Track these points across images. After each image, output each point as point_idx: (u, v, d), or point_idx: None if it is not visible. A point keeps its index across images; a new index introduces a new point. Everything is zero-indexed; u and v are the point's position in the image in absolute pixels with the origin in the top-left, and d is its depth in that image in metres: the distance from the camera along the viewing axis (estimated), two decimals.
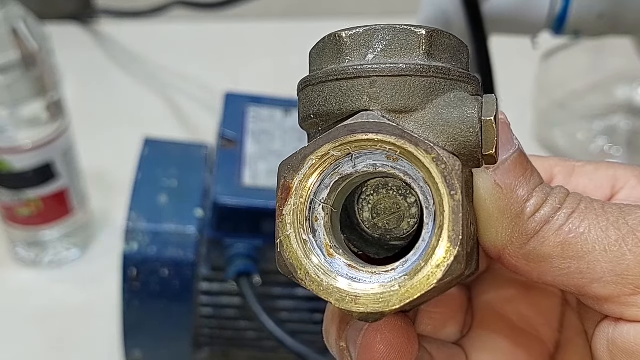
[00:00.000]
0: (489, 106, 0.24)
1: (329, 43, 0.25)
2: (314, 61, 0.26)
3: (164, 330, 0.54)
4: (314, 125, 0.25)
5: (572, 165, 0.29)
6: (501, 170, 0.24)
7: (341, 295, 0.23)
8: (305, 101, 0.25)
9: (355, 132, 0.23)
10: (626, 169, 0.28)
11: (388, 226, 0.25)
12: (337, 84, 0.24)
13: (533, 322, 0.30)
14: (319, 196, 0.24)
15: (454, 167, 0.23)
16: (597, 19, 0.54)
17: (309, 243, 0.24)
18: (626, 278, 0.23)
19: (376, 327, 0.25)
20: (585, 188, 0.28)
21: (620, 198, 0.28)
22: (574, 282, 0.24)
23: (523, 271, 0.25)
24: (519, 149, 0.25)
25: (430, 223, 0.23)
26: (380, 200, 0.25)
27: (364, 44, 0.25)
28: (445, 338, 0.30)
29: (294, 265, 0.24)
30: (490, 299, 0.30)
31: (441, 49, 0.25)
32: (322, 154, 0.24)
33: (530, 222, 0.24)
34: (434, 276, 0.22)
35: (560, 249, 0.24)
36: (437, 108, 0.24)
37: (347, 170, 0.24)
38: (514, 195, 0.24)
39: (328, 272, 0.24)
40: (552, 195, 0.25)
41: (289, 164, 0.24)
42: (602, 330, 0.25)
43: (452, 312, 0.30)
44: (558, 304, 0.30)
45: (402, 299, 0.23)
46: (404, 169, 0.24)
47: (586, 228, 0.24)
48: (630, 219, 0.24)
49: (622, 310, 0.24)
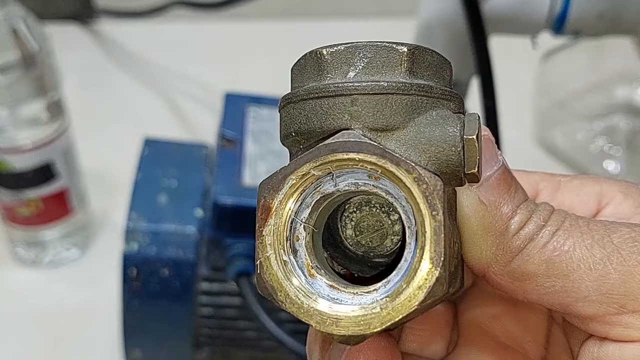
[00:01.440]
0: (471, 124, 0.24)
1: (310, 60, 0.25)
2: (295, 78, 0.26)
3: (164, 330, 0.54)
4: (295, 143, 0.25)
5: (558, 180, 0.29)
6: (485, 187, 0.24)
7: (322, 318, 0.23)
8: (287, 119, 0.25)
9: (336, 152, 0.23)
10: (612, 184, 0.28)
11: (371, 244, 0.25)
12: (318, 102, 0.24)
13: (519, 339, 0.29)
14: (300, 216, 0.24)
15: (435, 187, 0.22)
16: (597, 19, 0.54)
17: (289, 264, 0.24)
18: (611, 297, 0.23)
19: (359, 348, 0.24)
20: (572, 204, 0.28)
21: (606, 214, 0.27)
22: (558, 300, 0.24)
23: (508, 289, 0.25)
24: (504, 165, 0.25)
25: (412, 243, 0.23)
26: (363, 217, 0.25)
27: (345, 62, 0.24)
28: (430, 355, 0.29)
29: (274, 287, 0.23)
30: (476, 315, 0.30)
31: (423, 67, 0.24)
32: (303, 173, 0.23)
33: (514, 240, 0.24)
34: (415, 298, 0.22)
35: (545, 267, 0.24)
36: (419, 126, 0.24)
37: (329, 189, 0.24)
38: (498, 212, 0.24)
39: (309, 293, 0.23)
40: (537, 212, 0.24)
41: (269, 184, 0.24)
42: (587, 350, 0.25)
43: (437, 328, 0.30)
44: (544, 320, 0.30)
45: (383, 321, 0.22)
46: (385, 187, 0.23)
47: (571, 246, 0.23)
48: (615, 237, 0.23)
49: (606, 329, 0.24)
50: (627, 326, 0.23)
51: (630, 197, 0.27)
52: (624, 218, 0.26)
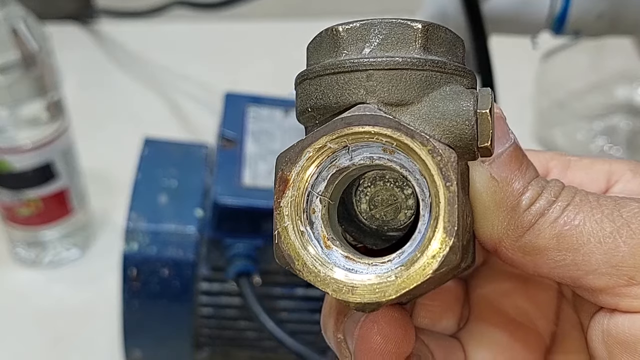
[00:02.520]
0: (484, 99, 0.24)
1: (326, 37, 0.25)
2: (311, 55, 0.26)
3: (164, 330, 0.54)
4: (311, 119, 0.26)
5: (568, 159, 0.29)
6: (497, 164, 0.25)
7: (338, 286, 0.23)
8: (303, 95, 0.26)
9: (352, 125, 0.23)
10: (621, 162, 0.29)
11: (385, 217, 0.25)
12: (334, 78, 0.25)
13: (529, 315, 0.30)
14: (317, 188, 0.25)
15: (449, 158, 0.23)
16: (597, 19, 0.54)
17: (306, 234, 0.24)
18: (620, 269, 0.23)
19: (373, 319, 0.25)
20: (581, 182, 0.28)
21: (615, 191, 0.28)
22: (569, 274, 0.24)
23: (519, 263, 0.25)
24: (515, 143, 0.25)
25: (426, 215, 0.23)
26: (378, 192, 0.25)
27: (361, 38, 0.25)
28: (442, 330, 0.30)
29: (292, 257, 0.24)
30: (487, 292, 0.30)
31: (437, 43, 0.25)
32: (319, 146, 0.24)
33: (525, 215, 0.24)
34: (429, 267, 0.22)
35: (556, 241, 0.24)
36: (433, 101, 0.24)
37: (344, 163, 0.24)
38: (509, 188, 0.24)
39: (325, 263, 0.24)
40: (548, 188, 0.25)
41: (286, 156, 0.24)
42: (597, 322, 0.25)
43: (448, 304, 0.30)
44: (554, 296, 0.30)
45: (398, 289, 0.23)
46: (400, 161, 0.24)
47: (581, 220, 0.24)
48: (625, 211, 0.24)
49: (616, 301, 0.24)
50: (636, 297, 0.24)
51: (639, 174, 0.28)
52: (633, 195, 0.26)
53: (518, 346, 0.29)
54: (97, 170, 0.75)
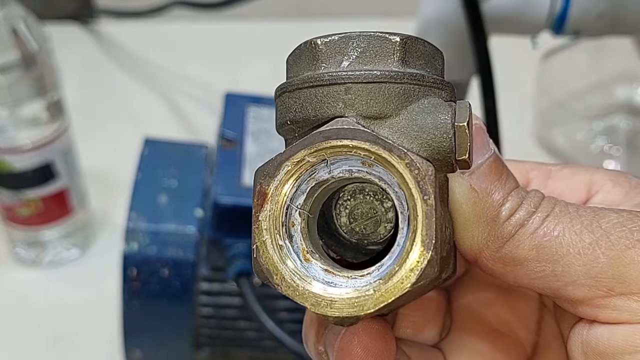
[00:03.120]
0: (462, 112, 0.24)
1: (305, 50, 0.25)
2: (290, 68, 0.26)
3: (164, 330, 0.54)
4: (290, 132, 0.26)
5: (549, 169, 0.29)
6: (476, 175, 0.25)
7: (316, 300, 0.23)
8: (282, 107, 0.26)
9: (330, 139, 0.23)
10: (602, 172, 0.29)
11: (365, 231, 0.25)
12: (312, 91, 0.25)
13: (511, 325, 0.30)
14: (296, 202, 0.25)
15: (427, 172, 0.23)
16: (597, 19, 0.54)
17: (284, 248, 0.24)
18: (599, 280, 0.23)
19: (353, 331, 0.25)
20: (562, 192, 0.28)
21: (596, 201, 0.28)
22: (548, 284, 0.24)
23: (499, 274, 0.25)
24: (495, 154, 0.25)
25: (404, 227, 0.23)
26: (357, 205, 0.25)
27: (339, 51, 0.25)
28: (424, 341, 0.30)
29: (270, 271, 0.24)
30: (469, 302, 0.30)
31: (416, 56, 0.25)
32: (298, 160, 0.24)
33: (505, 226, 0.24)
34: (407, 280, 0.22)
35: (535, 252, 0.24)
36: (411, 114, 0.24)
37: (323, 176, 0.24)
38: (489, 199, 0.24)
39: (304, 277, 0.24)
40: (527, 199, 0.25)
41: (264, 170, 0.24)
42: (577, 332, 0.25)
43: (430, 315, 0.30)
44: (536, 307, 0.30)
45: (376, 303, 0.23)
46: (379, 174, 0.24)
47: (560, 231, 0.24)
48: (604, 222, 0.24)
49: (595, 312, 0.24)
50: (615, 308, 0.24)
51: (619, 185, 0.28)
52: (613, 205, 0.26)
53: (500, 356, 0.29)
54: (97, 170, 0.75)
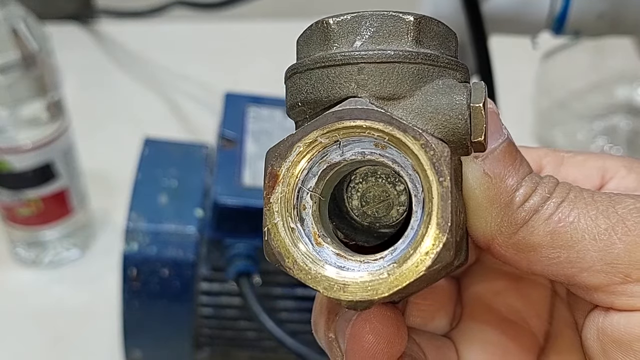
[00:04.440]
0: (477, 93, 0.24)
1: (317, 30, 0.25)
2: (301, 49, 0.26)
3: (164, 330, 0.54)
4: (301, 113, 0.25)
5: (562, 156, 0.29)
6: (490, 160, 0.24)
7: (329, 284, 0.23)
8: (293, 89, 0.25)
9: (343, 119, 0.23)
10: (615, 159, 0.28)
11: (377, 214, 0.25)
12: (324, 71, 0.24)
13: (522, 314, 0.30)
14: (307, 184, 0.24)
15: (442, 153, 0.22)
16: (597, 19, 0.54)
17: (296, 231, 0.24)
18: (616, 267, 0.23)
19: (365, 317, 0.25)
20: (575, 178, 0.28)
21: (610, 188, 0.28)
22: (563, 271, 0.24)
23: (512, 261, 0.25)
24: (508, 139, 0.25)
25: (418, 211, 0.23)
26: (369, 188, 0.25)
27: (352, 31, 0.24)
28: (434, 330, 0.30)
29: (282, 254, 0.23)
30: (480, 291, 0.30)
31: (429, 36, 0.25)
32: (310, 141, 0.23)
33: (519, 212, 0.24)
34: (422, 263, 0.22)
35: (550, 238, 0.24)
36: (426, 95, 0.24)
37: (335, 159, 0.24)
38: (503, 184, 0.24)
39: (316, 260, 0.23)
40: (542, 185, 0.24)
41: (276, 151, 0.24)
42: (592, 320, 0.25)
43: (441, 304, 0.30)
44: (547, 295, 0.30)
45: (390, 286, 0.22)
46: (392, 156, 0.23)
47: (575, 217, 0.24)
48: (620, 207, 0.24)
49: (611, 299, 0.24)
50: (632, 295, 0.23)
51: (633, 171, 0.28)
52: (628, 191, 0.26)
53: (511, 345, 0.29)
54: (97, 170, 0.75)
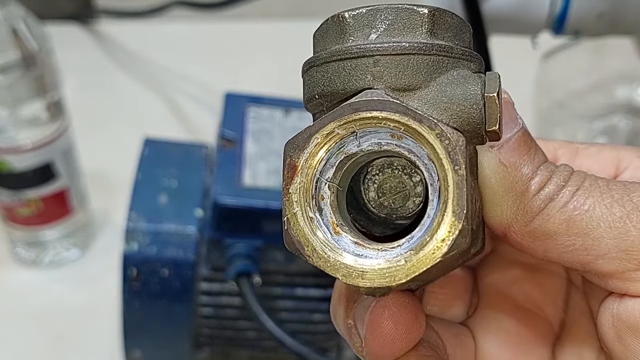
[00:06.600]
0: (491, 83, 0.24)
1: (332, 24, 0.26)
2: (317, 42, 0.26)
3: (164, 330, 0.54)
4: (318, 106, 0.26)
5: (576, 147, 0.29)
6: (505, 149, 0.25)
7: (348, 271, 0.23)
8: (310, 82, 0.26)
9: (360, 110, 0.24)
10: (629, 150, 0.29)
11: (394, 205, 0.25)
12: (340, 64, 0.25)
13: (538, 302, 0.30)
14: (325, 175, 0.25)
15: (457, 142, 0.23)
16: (597, 19, 0.54)
17: (315, 220, 0.24)
18: (631, 254, 0.23)
19: (383, 304, 0.25)
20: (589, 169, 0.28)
21: (624, 178, 0.28)
22: (579, 258, 0.24)
23: (528, 249, 0.25)
24: (523, 128, 0.25)
25: (435, 199, 0.23)
26: (386, 179, 0.25)
27: (367, 24, 0.25)
28: (451, 318, 0.30)
29: (301, 242, 0.24)
30: (496, 280, 0.31)
31: (444, 28, 0.25)
32: (327, 132, 0.24)
33: (535, 200, 0.24)
34: (439, 250, 0.23)
35: (565, 226, 0.24)
36: (440, 86, 0.24)
37: (352, 149, 0.24)
38: (518, 173, 0.24)
39: (334, 248, 0.24)
40: (557, 173, 0.25)
41: (294, 143, 0.24)
42: (607, 307, 0.25)
43: (457, 292, 0.30)
44: (563, 284, 0.30)
45: (408, 273, 0.23)
46: (408, 146, 0.24)
47: (591, 205, 0.24)
48: (635, 195, 0.24)
49: (626, 285, 0.24)
50: None
51: None
52: None
53: (527, 333, 0.29)
54: (97, 170, 0.75)
